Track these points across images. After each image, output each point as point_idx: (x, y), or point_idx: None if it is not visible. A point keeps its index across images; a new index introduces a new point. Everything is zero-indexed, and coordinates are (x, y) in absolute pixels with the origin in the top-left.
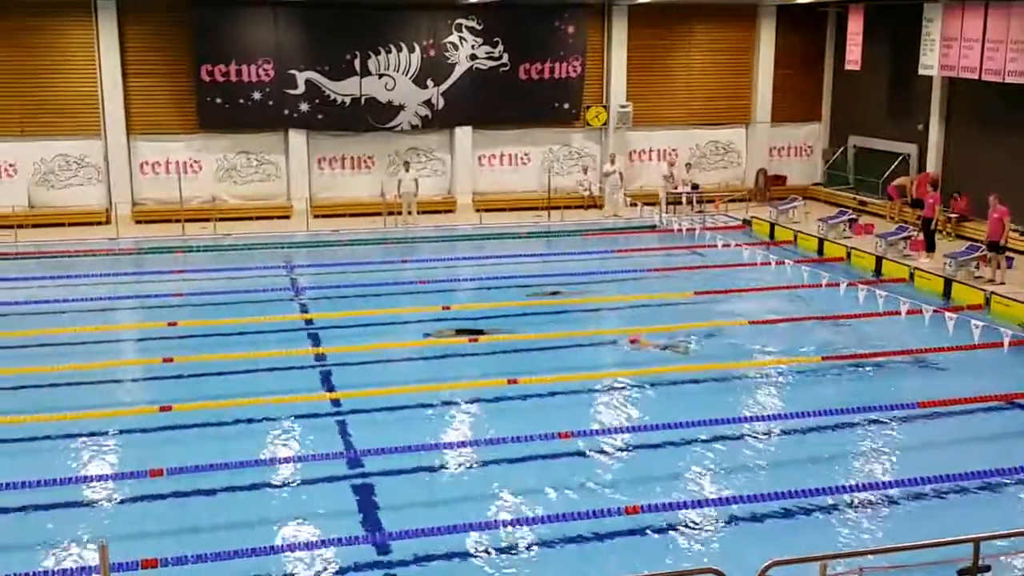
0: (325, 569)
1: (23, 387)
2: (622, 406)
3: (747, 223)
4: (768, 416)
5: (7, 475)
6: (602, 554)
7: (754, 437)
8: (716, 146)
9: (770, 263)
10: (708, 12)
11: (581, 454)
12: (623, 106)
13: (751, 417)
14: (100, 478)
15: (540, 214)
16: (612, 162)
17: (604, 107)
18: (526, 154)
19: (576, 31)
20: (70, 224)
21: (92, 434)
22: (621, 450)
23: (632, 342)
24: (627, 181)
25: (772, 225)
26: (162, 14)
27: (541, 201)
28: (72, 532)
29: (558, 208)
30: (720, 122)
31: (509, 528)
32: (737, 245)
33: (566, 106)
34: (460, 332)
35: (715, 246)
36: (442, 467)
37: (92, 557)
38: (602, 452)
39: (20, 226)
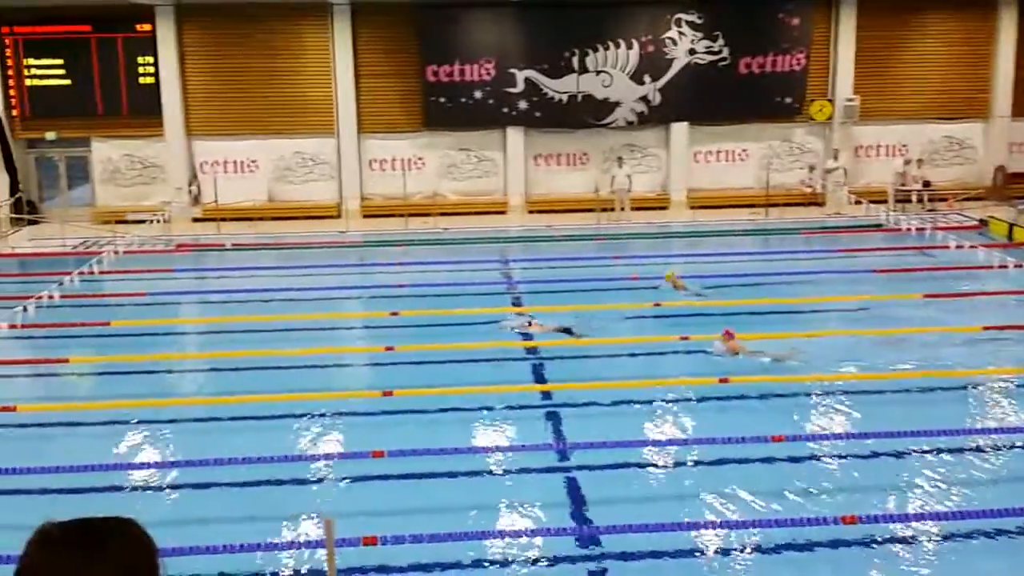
0: (534, 558)
1: (261, 368)
2: (839, 411)
3: (983, 223)
4: (1006, 429)
5: (244, 450)
6: (813, 564)
7: (988, 450)
8: (950, 141)
9: (1008, 266)
10: (943, 1)
11: (794, 459)
12: (850, 100)
13: (984, 429)
14: (326, 457)
15: (757, 212)
16: (835, 158)
17: (829, 101)
18: (744, 150)
19: (801, 23)
20: (304, 217)
21: (320, 415)
22: (835, 457)
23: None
24: (853, 177)
25: (1011, 226)
26: (391, 18)
27: (758, 198)
28: (299, 507)
29: (776, 205)
30: (955, 116)
31: (715, 530)
32: (972, 246)
33: (788, 100)
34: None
35: (947, 247)
36: (650, 464)
37: (317, 532)
38: (815, 458)
39: (260, 219)
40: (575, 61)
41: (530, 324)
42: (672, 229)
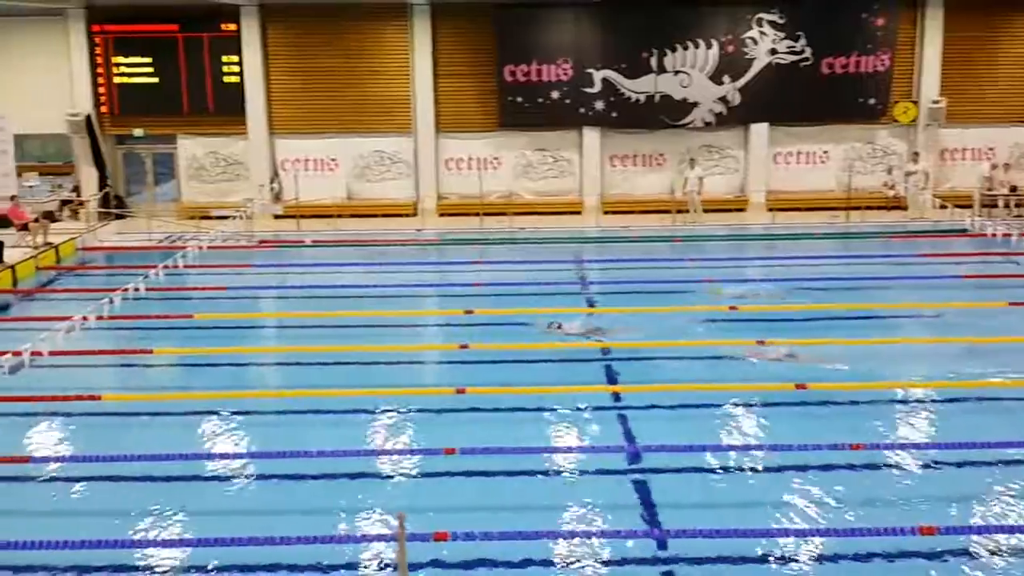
0: (602, 559)
1: (337, 363)
2: (919, 419)
3: None
4: None
5: (319, 443)
6: (890, 575)
7: None
8: None
9: None
10: None
11: (872, 467)
12: (935, 102)
13: None
14: (399, 452)
15: (837, 215)
16: (915, 161)
17: (913, 103)
18: (825, 152)
19: (886, 23)
20: (381, 215)
21: (393, 411)
22: (915, 466)
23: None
24: (937, 181)
25: None
26: (470, 18)
27: (839, 201)
28: (371, 501)
29: (858, 208)
30: None
31: (789, 538)
32: None
33: (871, 102)
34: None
35: None
36: (723, 468)
37: (389, 526)
38: (894, 467)
39: (338, 216)
40: (653, 61)
41: (559, 327)
42: (750, 231)
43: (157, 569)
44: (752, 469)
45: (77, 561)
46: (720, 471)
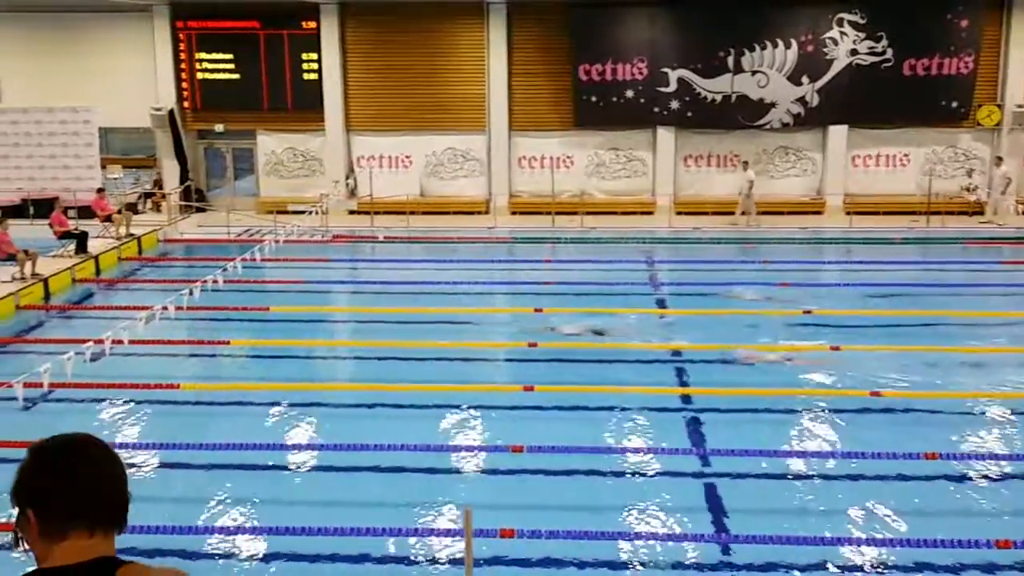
0: (668, 562)
1: (407, 359)
2: (995, 430)
3: None
4: None
5: (388, 436)
6: None
7: None
8: None
9: None
10: None
11: (948, 477)
12: (1020, 105)
13: None
14: (466, 448)
15: (916, 219)
16: (998, 165)
17: (998, 106)
18: (905, 155)
19: (970, 24)
20: (453, 212)
21: (462, 407)
22: (990, 478)
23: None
24: (1020, 187)
25: None
26: (545, 16)
27: (919, 205)
28: (438, 496)
29: (938, 213)
30: None
31: (859, 548)
32: None
33: (954, 104)
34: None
35: None
36: (794, 475)
37: (456, 521)
38: (969, 478)
39: (412, 213)
40: (730, 61)
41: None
42: (826, 235)
43: (228, 556)
44: (822, 476)
45: (151, 546)
46: (790, 477)
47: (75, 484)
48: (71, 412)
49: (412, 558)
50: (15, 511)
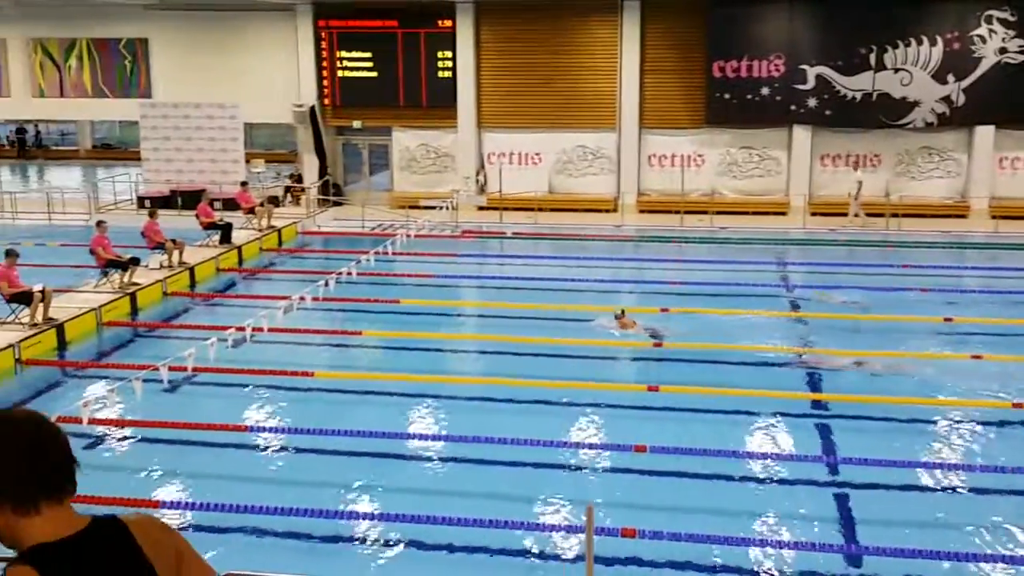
0: (792, 571)
1: (532, 354)
2: None
3: None
4: None
5: (512, 430)
6: None
7: None
8: None
9: None
10: None
11: None
12: None
13: None
14: (589, 446)
15: None
16: None
17: None
18: None
19: None
20: (581, 210)
21: (586, 404)
22: None
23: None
24: None
25: None
26: (680, 13)
27: None
28: (559, 492)
29: None
30: None
31: (995, 565)
32: None
33: None
34: None
35: None
36: (927, 487)
37: (576, 519)
38: None
39: (540, 209)
40: (872, 58)
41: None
42: (970, 239)
43: (350, 540)
44: (957, 489)
45: (282, 528)
46: (923, 489)
47: (39, 454)
48: (212, 395)
49: (532, 552)
50: None
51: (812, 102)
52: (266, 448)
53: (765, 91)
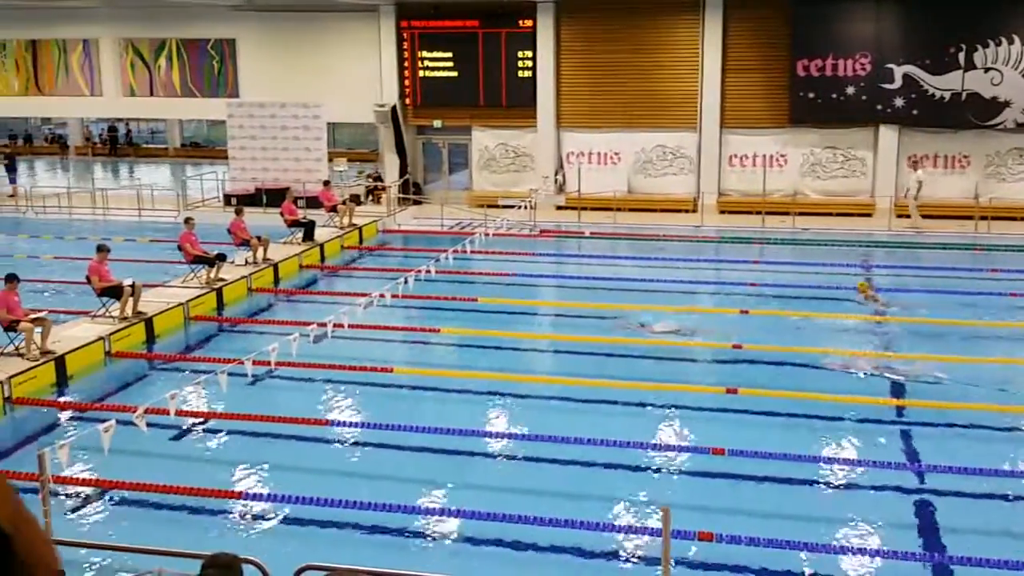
0: None
1: (609, 355)
2: None
3: None
4: None
5: (586, 431)
6: None
7: None
8: None
9: None
10: None
11: None
12: None
13: None
14: (666, 447)
15: None
16: None
17: None
18: None
19: None
20: (661, 210)
21: (663, 406)
22: None
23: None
24: None
25: None
26: (763, 11)
27: None
28: (636, 493)
29: None
30: None
31: None
32: None
33: None
34: None
35: None
36: (1015, 497)
37: (652, 520)
38: None
39: (618, 209)
40: (961, 57)
41: (641, 324)
42: None
43: (422, 536)
44: None
45: (357, 520)
46: (1011, 498)
47: None
48: (294, 389)
49: (608, 552)
50: None
51: (899, 101)
52: (345, 442)
53: (850, 90)
